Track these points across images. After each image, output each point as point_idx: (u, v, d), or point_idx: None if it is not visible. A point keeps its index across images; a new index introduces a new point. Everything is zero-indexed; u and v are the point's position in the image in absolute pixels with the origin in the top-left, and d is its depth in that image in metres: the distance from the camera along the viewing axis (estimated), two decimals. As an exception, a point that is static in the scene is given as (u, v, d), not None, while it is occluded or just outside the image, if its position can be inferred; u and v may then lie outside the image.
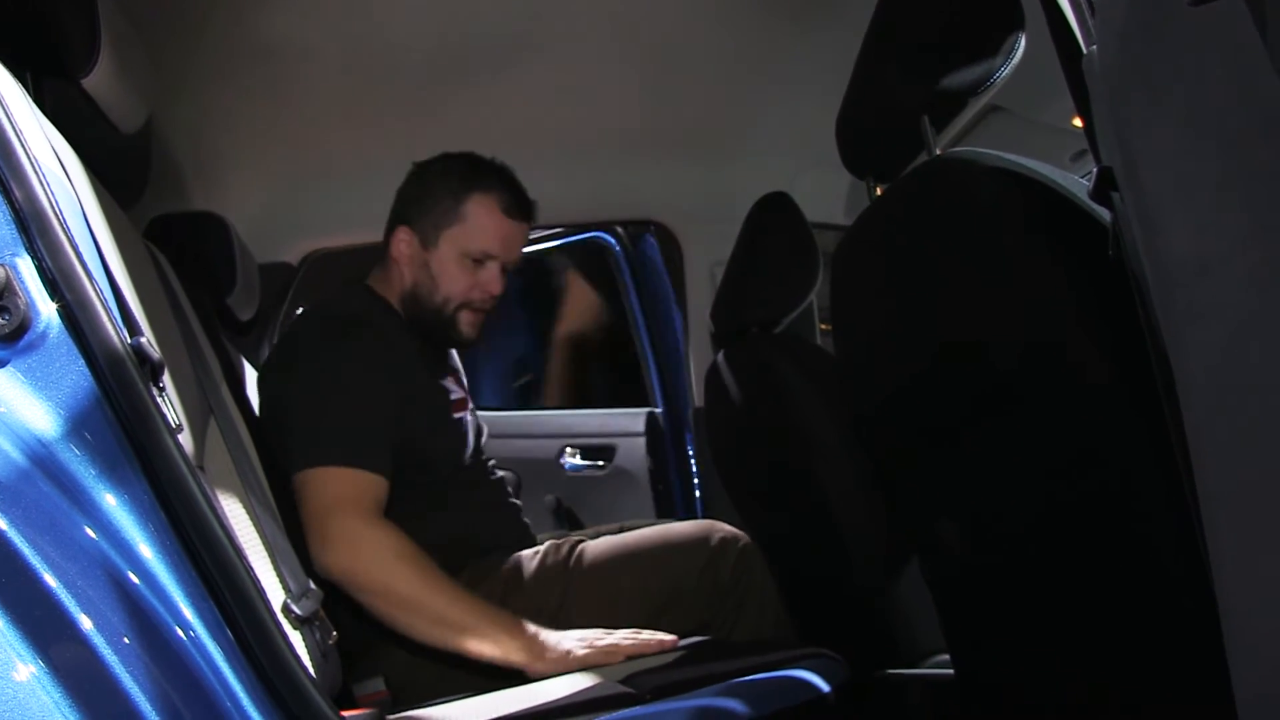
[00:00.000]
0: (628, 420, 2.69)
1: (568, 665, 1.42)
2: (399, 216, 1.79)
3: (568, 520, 2.47)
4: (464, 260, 1.73)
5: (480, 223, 1.73)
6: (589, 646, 1.44)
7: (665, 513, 2.57)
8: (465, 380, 1.95)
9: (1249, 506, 0.58)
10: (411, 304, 1.77)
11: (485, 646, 1.47)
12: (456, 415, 1.78)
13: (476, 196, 1.73)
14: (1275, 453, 0.55)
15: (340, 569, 1.49)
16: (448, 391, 1.80)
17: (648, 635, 1.46)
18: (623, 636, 1.46)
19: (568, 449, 2.67)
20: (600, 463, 2.59)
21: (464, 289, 1.74)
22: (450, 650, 1.49)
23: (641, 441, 2.64)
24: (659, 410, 2.68)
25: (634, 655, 1.42)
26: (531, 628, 1.47)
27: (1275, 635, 0.56)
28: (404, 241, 1.76)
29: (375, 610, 1.51)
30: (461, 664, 1.60)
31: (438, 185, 1.76)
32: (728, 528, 1.77)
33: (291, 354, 1.73)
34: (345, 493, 1.52)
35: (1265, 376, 0.55)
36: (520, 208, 1.76)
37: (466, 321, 1.76)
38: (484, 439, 1.89)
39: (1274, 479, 0.56)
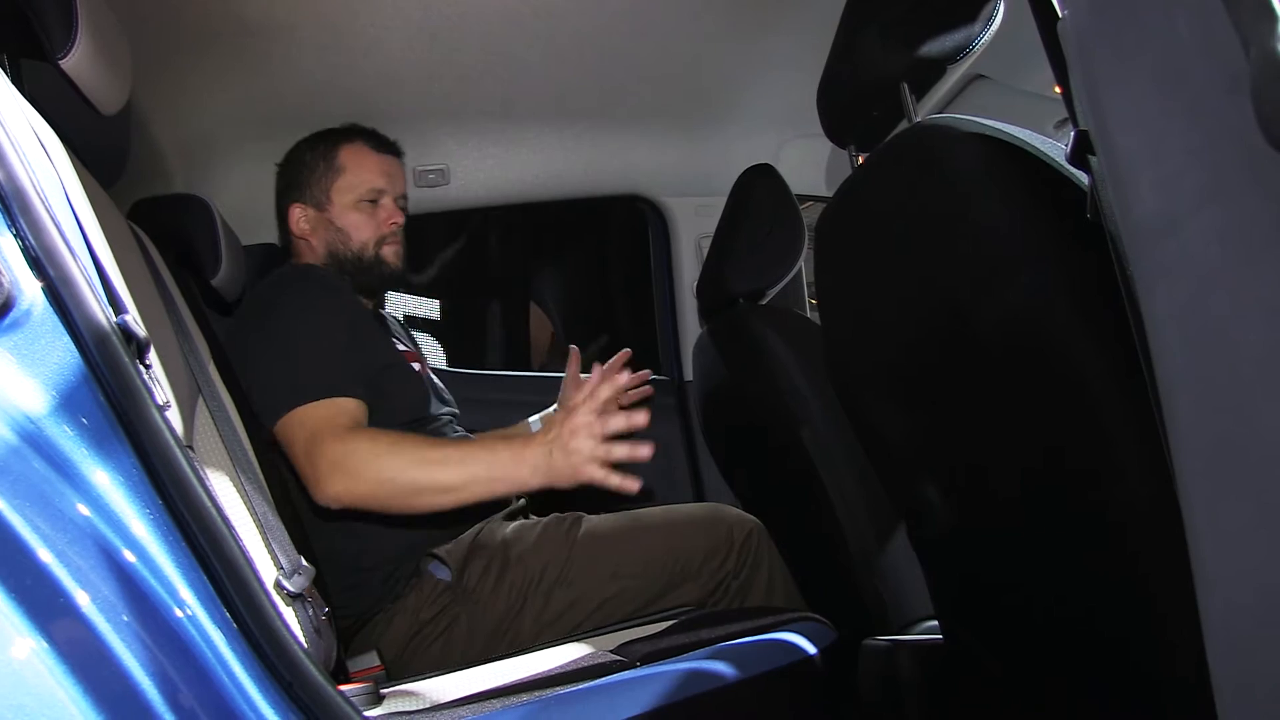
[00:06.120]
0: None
1: (576, 475, 1.49)
2: (284, 201, 1.92)
3: None
4: (360, 205, 1.88)
5: (359, 165, 1.90)
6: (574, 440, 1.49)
7: (674, 487, 2.47)
8: (414, 338, 2.03)
9: (1217, 457, 0.59)
10: (336, 263, 1.87)
11: (499, 487, 1.53)
12: (410, 362, 1.84)
13: (345, 147, 1.90)
14: (1241, 406, 0.56)
15: (338, 494, 1.51)
16: (392, 339, 1.87)
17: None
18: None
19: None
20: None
21: (374, 228, 1.89)
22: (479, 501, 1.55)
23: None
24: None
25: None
26: (530, 452, 1.51)
27: (1243, 580, 0.58)
28: (300, 218, 1.90)
29: (393, 511, 1.54)
30: (455, 636, 1.62)
31: (306, 158, 1.91)
32: (736, 512, 1.78)
33: (244, 324, 1.76)
34: (320, 423, 1.56)
35: (1230, 330, 0.56)
36: (385, 144, 1.94)
37: (389, 255, 1.91)
38: (448, 404, 1.90)
39: (1240, 432, 0.57)
